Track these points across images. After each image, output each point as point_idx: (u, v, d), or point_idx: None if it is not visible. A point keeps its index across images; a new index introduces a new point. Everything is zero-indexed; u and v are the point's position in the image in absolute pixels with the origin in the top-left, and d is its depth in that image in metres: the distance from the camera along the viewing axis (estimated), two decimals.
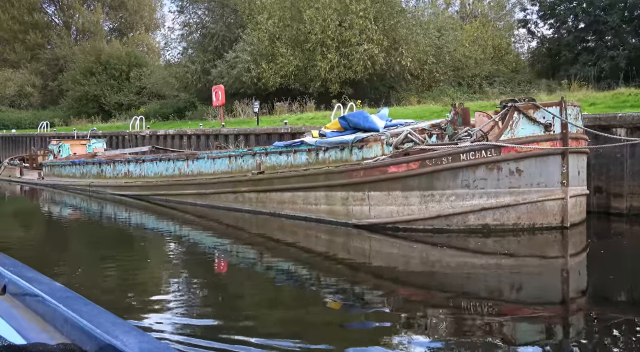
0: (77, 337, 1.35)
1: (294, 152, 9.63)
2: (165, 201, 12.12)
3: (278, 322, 4.95)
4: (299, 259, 7.59)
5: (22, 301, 1.64)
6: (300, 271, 7.10)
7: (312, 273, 6.96)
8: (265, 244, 8.64)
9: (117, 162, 14.20)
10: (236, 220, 10.30)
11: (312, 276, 6.88)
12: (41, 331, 1.46)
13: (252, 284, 6.67)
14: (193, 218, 10.88)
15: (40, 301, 1.54)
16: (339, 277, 6.58)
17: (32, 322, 1.52)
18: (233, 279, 6.89)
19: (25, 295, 1.63)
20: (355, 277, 6.60)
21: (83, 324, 1.35)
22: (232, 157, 10.96)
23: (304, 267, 7.22)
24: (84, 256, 8.03)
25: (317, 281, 6.59)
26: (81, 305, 1.48)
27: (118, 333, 1.28)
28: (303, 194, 9.05)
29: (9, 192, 16.90)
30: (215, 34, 24.26)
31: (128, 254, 8.47)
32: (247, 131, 16.60)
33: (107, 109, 34.89)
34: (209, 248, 8.74)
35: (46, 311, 1.51)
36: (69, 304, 1.47)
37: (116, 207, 12.84)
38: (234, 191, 10.42)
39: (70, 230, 10.47)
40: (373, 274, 6.75)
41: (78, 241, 9.34)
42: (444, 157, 7.42)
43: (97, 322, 1.35)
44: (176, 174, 12.33)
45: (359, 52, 21.98)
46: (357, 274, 6.77)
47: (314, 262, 7.41)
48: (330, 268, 7.04)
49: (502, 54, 26.16)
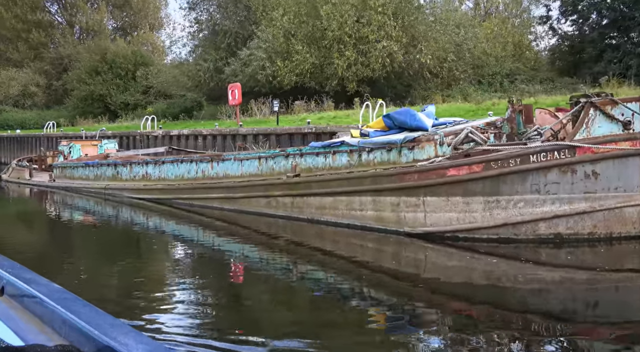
0: (75, 338, 1.34)
1: (332, 153, 8.94)
2: (189, 205, 11.42)
3: (314, 337, 4.43)
4: (340, 268, 6.93)
5: (20, 303, 1.63)
6: (341, 282, 6.44)
7: (356, 284, 6.30)
8: (301, 252, 7.97)
9: (134, 163, 13.49)
10: (269, 226, 9.60)
11: (355, 288, 6.22)
12: (39, 332, 1.45)
13: (286, 295, 6.06)
14: (220, 224, 10.19)
15: (39, 303, 1.53)
16: (386, 290, 5.92)
17: (30, 323, 1.51)
18: (265, 290, 6.29)
19: (24, 296, 1.62)
20: (406, 291, 5.93)
21: (81, 325, 1.34)
22: (262, 159, 10.26)
23: (345, 277, 6.56)
24: (104, 264, 7.33)
25: (361, 294, 5.94)
26: (79, 306, 1.46)
27: (116, 335, 1.26)
28: (346, 198, 8.35)
29: (19, 195, 16.19)
30: (227, 31, 23.55)
31: (150, 261, 7.82)
32: (268, 131, 15.90)
33: (112, 109, 34.22)
34: (238, 255, 8.10)
35: (44, 312, 1.50)
36: (68, 306, 1.45)
37: (135, 211, 12.14)
38: (266, 195, 9.71)
39: (88, 236, 9.77)
40: (428, 288, 6.07)
41: (97, 248, 8.63)
42: (511, 159, 6.72)
43: (96, 323, 1.33)
44: (199, 177, 11.63)
45: (377, 49, 21.29)
46: (408, 287, 6.09)
47: (358, 273, 6.74)
48: (376, 280, 6.37)
49: (522, 51, 25.44)
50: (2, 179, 18.65)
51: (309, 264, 7.30)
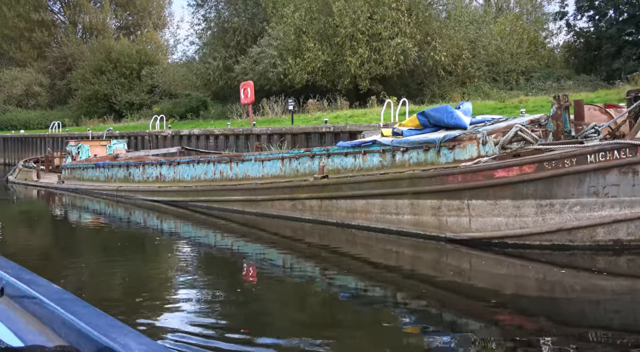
0: (74, 339, 1.33)
1: (363, 154, 8.45)
2: (207, 207, 10.94)
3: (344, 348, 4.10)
4: (373, 275, 6.47)
5: (19, 303, 1.62)
6: (373, 289, 5.99)
7: (390, 292, 5.86)
8: (330, 257, 7.49)
9: (147, 164, 13.02)
10: (294, 230, 9.13)
11: (390, 296, 5.78)
12: (39, 333, 1.44)
13: (311, 300, 5.63)
14: (241, 227, 9.71)
15: (38, 303, 1.52)
16: (425, 299, 5.47)
17: (29, 324, 1.50)
18: (289, 296, 5.90)
19: (23, 297, 1.61)
20: (448, 300, 5.47)
21: (81, 326, 1.33)
22: (286, 159, 9.78)
23: (378, 284, 6.11)
24: (118, 268, 6.86)
25: (397, 303, 5.51)
26: (79, 307, 1.45)
27: (116, 335, 1.26)
28: (380, 201, 7.86)
29: (27, 197, 15.71)
30: (237, 29, 23.04)
31: (166, 265, 7.36)
32: (283, 131, 15.41)
33: (117, 109, 33.75)
34: (260, 260, 7.64)
35: (44, 313, 1.49)
36: (67, 307, 1.43)
37: (149, 214, 11.66)
38: (292, 198, 9.23)
39: (101, 240, 9.29)
40: (473, 298, 5.60)
41: (110, 252, 8.14)
42: (566, 159, 6.22)
43: (95, 324, 1.32)
44: (217, 178, 11.15)
45: (390, 46, 20.79)
46: (451, 297, 5.62)
47: (393, 280, 6.29)
48: (414, 288, 5.92)
49: (536, 48, 24.93)
50: (8, 180, 18.18)
51: (338, 269, 6.87)
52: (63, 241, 9.64)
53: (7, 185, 17.79)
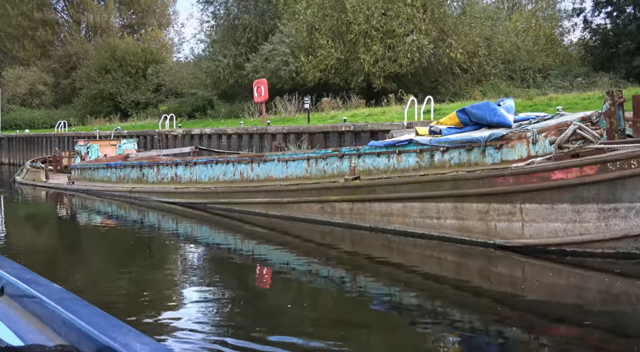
0: (74, 339, 1.33)
1: (398, 154, 7.96)
2: (227, 210, 10.45)
3: None
4: (411, 283, 5.99)
5: (20, 303, 1.61)
6: (411, 298, 5.52)
7: (430, 302, 5.36)
8: (362, 263, 7.02)
9: (162, 165, 12.53)
10: (323, 234, 8.63)
11: (429, 305, 5.30)
12: (39, 332, 1.44)
13: (342, 311, 5.14)
14: (264, 231, 9.21)
15: (38, 303, 1.52)
16: (471, 311, 4.99)
17: (30, 324, 1.49)
18: (318, 304, 5.47)
19: (23, 296, 1.60)
20: (499, 313, 4.97)
21: (81, 325, 1.32)
22: (312, 160, 9.28)
23: (417, 293, 5.64)
24: (135, 274, 6.38)
25: (437, 313, 5.03)
26: (79, 306, 1.44)
27: (116, 335, 1.25)
28: (419, 205, 7.36)
29: (36, 198, 15.23)
30: (247, 26, 22.54)
31: (183, 270, 6.88)
32: (299, 130, 14.92)
33: (123, 108, 33.30)
34: (285, 266, 7.18)
35: (44, 312, 1.49)
36: (67, 306, 1.43)
37: (166, 216, 11.17)
38: (320, 200, 8.74)
39: (116, 245, 8.79)
40: (527, 310, 5.11)
41: (127, 258, 7.65)
42: (633, 160, 5.72)
43: (95, 323, 1.32)
44: (237, 179, 10.66)
45: (405, 43, 20.29)
46: (501, 309, 5.13)
47: (434, 289, 5.81)
48: (458, 298, 5.44)
49: (553, 45, 24.39)
50: (16, 181, 17.70)
51: (372, 276, 6.42)
52: (76, 244, 9.15)
53: (14, 186, 17.31)
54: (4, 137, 29.98)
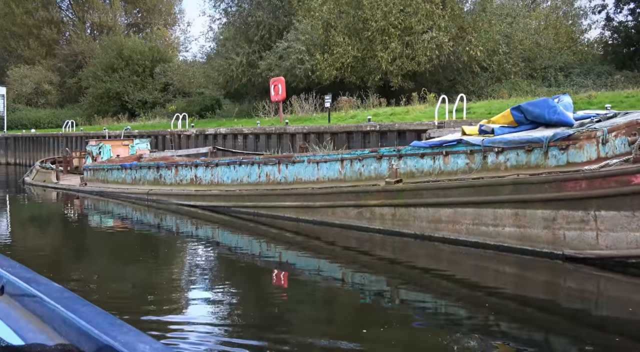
0: (75, 338, 1.33)
1: (444, 155, 7.38)
2: (253, 214, 9.88)
3: None
4: (462, 295, 5.46)
5: (20, 302, 1.61)
6: (462, 312, 4.99)
7: (487, 319, 4.78)
8: (406, 273, 6.48)
9: (181, 166, 11.96)
10: (360, 241, 8.06)
11: (486, 321, 4.73)
12: (39, 331, 1.44)
13: (382, 325, 4.60)
14: (294, 237, 8.64)
15: (39, 302, 1.52)
16: (536, 331, 4.43)
17: (30, 323, 1.49)
18: (355, 317, 5.00)
19: (24, 296, 1.60)
20: (568, 334, 4.42)
21: (81, 324, 1.32)
22: (346, 161, 8.70)
23: (470, 307, 5.09)
24: (156, 284, 5.81)
25: (492, 329, 4.50)
26: (79, 305, 1.44)
27: (116, 334, 1.25)
28: (473, 210, 6.78)
29: (47, 201, 14.67)
30: (261, 23, 21.95)
31: (208, 277, 6.32)
32: (321, 129, 14.33)
33: (130, 107, 32.78)
34: (317, 274, 6.67)
35: (44, 311, 1.49)
36: (67, 305, 1.43)
37: (187, 220, 10.61)
38: (357, 205, 8.16)
39: (138, 251, 8.23)
40: (602, 330, 4.56)
41: (148, 266, 7.08)
42: None
43: (96, 322, 1.32)
44: (263, 181, 10.09)
45: (424, 40, 19.70)
46: (571, 329, 4.60)
47: (491, 303, 5.23)
48: (521, 315, 4.88)
49: (573, 43, 23.77)
50: (25, 182, 17.15)
51: (417, 288, 5.91)
52: (94, 249, 8.58)
53: (23, 187, 16.76)
54: (9, 136, 29.46)
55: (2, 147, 28.98)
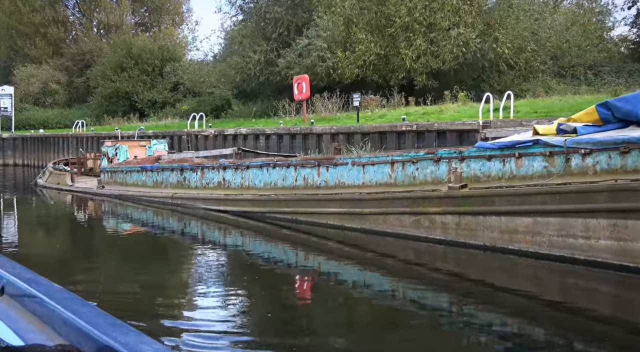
0: (75, 338, 1.31)
1: (517, 157, 6.61)
2: (291, 220, 9.13)
3: None
4: (549, 318, 4.69)
5: (20, 302, 1.60)
6: (549, 339, 4.29)
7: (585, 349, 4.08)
8: (475, 290, 5.76)
9: (207, 168, 11.21)
10: (417, 253, 7.30)
11: None
12: (39, 332, 1.43)
13: None
14: (339, 246, 7.89)
15: (39, 302, 1.50)
16: None
17: (30, 323, 1.48)
18: (415, 341, 4.36)
19: (24, 296, 1.59)
20: None
21: (81, 325, 1.31)
22: (397, 164, 7.93)
23: (559, 332, 4.38)
24: (189, 296, 5.07)
25: None
26: (80, 306, 1.42)
27: (116, 334, 1.23)
28: (557, 220, 6.02)
29: (63, 204, 13.92)
30: (279, 19, 21.19)
31: (245, 288, 5.53)
32: (351, 130, 13.57)
33: (139, 107, 32.08)
34: (366, 287, 6.05)
35: (44, 312, 1.47)
36: (68, 306, 1.41)
37: (219, 227, 9.86)
38: (415, 212, 7.39)
39: (170, 262, 7.48)
40: None
41: (183, 279, 6.33)
42: None
43: (96, 323, 1.30)
44: (300, 185, 9.32)
45: (450, 37, 18.93)
46: None
47: (584, 328, 4.56)
48: (624, 343, 4.18)
49: (602, 41, 22.97)
50: (37, 184, 16.41)
51: (487, 307, 5.12)
52: (118, 258, 7.81)
53: (36, 189, 16.02)
54: (17, 137, 28.76)
55: (10, 148, 28.28)
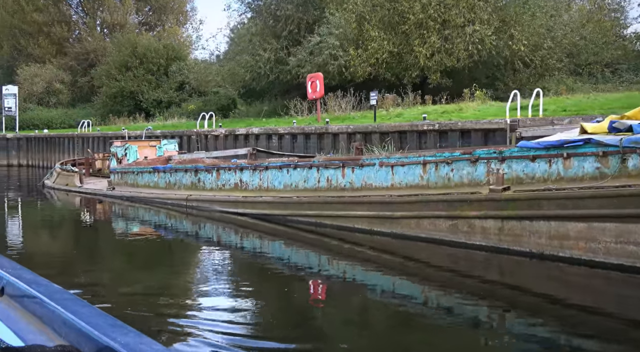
0: (75, 339, 1.32)
1: (565, 157, 6.18)
2: (315, 224, 8.70)
3: None
4: (614, 334, 4.30)
5: (20, 303, 1.60)
6: None
7: None
8: (523, 301, 5.38)
9: (223, 169, 10.78)
10: (454, 259, 6.86)
11: None
12: (39, 333, 1.43)
13: None
14: (368, 252, 7.47)
15: (39, 303, 1.51)
16: None
17: (30, 324, 1.48)
18: None
19: (24, 297, 1.59)
20: None
21: (81, 326, 1.31)
22: (430, 164, 7.50)
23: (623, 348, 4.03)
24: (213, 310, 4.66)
25: None
26: (79, 307, 1.43)
27: (116, 335, 1.24)
28: (617, 226, 5.59)
29: (72, 206, 13.50)
30: (289, 17, 20.76)
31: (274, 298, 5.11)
32: (369, 129, 13.17)
33: (144, 107, 31.68)
34: (397, 296, 5.59)
35: (44, 312, 1.48)
36: (68, 306, 1.42)
37: (237, 231, 9.43)
38: (452, 216, 6.96)
39: (194, 267, 7.05)
40: None
41: (211, 290, 5.90)
42: None
43: (95, 324, 1.31)
44: (323, 187, 8.89)
45: (465, 34, 18.49)
46: None
47: None
48: None
49: (619, 38, 22.51)
50: (45, 185, 16.00)
51: (537, 319, 4.72)
52: (135, 264, 7.39)
53: (43, 191, 15.61)
54: (22, 137, 28.37)
55: (14, 148, 27.88)
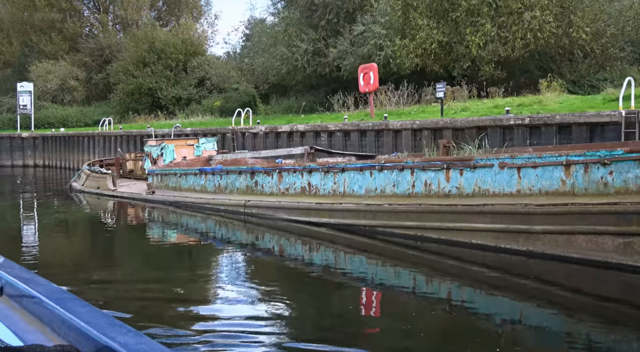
0: (74, 339, 1.31)
1: None
2: (415, 238, 7.23)
3: None
4: None
5: (19, 303, 1.60)
6: None
7: None
8: None
9: (285, 171, 9.33)
10: (632, 289, 5.35)
11: None
12: (38, 332, 1.43)
13: None
14: (493, 274, 6.00)
15: (38, 303, 1.50)
16: None
17: (29, 324, 1.48)
18: None
19: (23, 297, 1.58)
20: None
21: (80, 325, 1.31)
22: (576, 166, 5.99)
23: None
24: None
25: None
26: (78, 306, 1.42)
27: (115, 335, 1.23)
28: None
29: (107, 212, 12.04)
30: (328, 5, 19.24)
31: None
32: (439, 125, 11.66)
33: (163, 104, 30.30)
34: None
35: (43, 312, 1.47)
36: (67, 306, 1.42)
37: (319, 245, 7.97)
38: (622, 232, 5.47)
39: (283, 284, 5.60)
40: None
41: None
42: None
43: (95, 323, 1.30)
44: (419, 193, 7.41)
45: (523, 21, 16.93)
46: None
47: None
48: None
49: None
50: (73, 188, 14.60)
51: None
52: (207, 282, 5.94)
53: (71, 194, 14.20)
54: (38, 136, 27.04)
55: (30, 148, 26.58)
